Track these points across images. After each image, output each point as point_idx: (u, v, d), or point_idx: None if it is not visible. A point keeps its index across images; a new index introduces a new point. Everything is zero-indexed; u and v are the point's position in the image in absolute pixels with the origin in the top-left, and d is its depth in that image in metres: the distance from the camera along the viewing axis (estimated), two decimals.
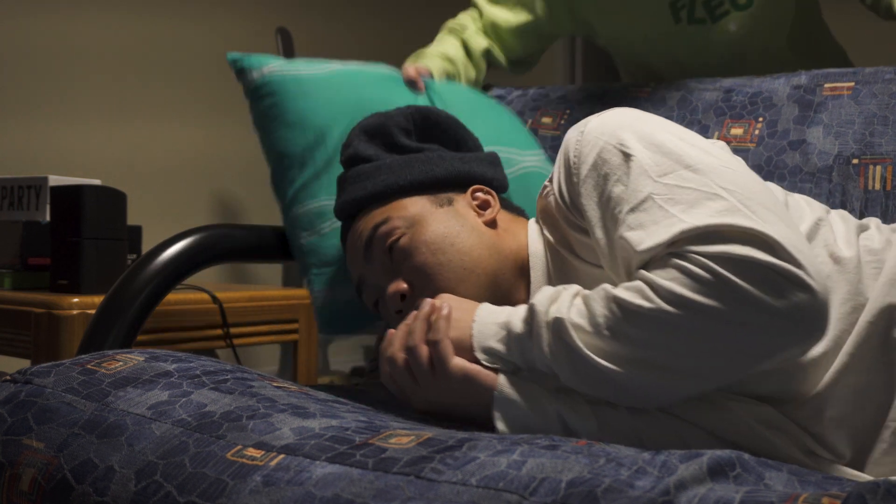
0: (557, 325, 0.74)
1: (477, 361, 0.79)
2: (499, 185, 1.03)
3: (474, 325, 0.80)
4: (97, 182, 1.38)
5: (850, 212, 1.12)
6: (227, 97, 3.22)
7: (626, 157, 0.79)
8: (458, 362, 0.78)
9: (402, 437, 0.65)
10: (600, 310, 0.72)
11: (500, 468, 0.57)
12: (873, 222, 0.89)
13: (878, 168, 1.12)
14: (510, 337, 0.78)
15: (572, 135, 0.85)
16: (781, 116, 1.22)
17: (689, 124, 1.28)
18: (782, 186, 1.17)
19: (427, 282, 0.90)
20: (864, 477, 0.77)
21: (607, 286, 0.74)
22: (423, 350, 0.80)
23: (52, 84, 2.77)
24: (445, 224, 0.93)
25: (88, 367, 0.81)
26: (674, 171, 0.76)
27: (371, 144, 1.02)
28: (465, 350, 0.79)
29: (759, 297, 0.67)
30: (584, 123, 0.85)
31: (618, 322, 0.71)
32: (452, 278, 0.90)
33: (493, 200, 0.99)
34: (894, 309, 0.77)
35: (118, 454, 0.69)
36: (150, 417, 0.72)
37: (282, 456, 0.64)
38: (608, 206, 0.79)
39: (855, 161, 1.14)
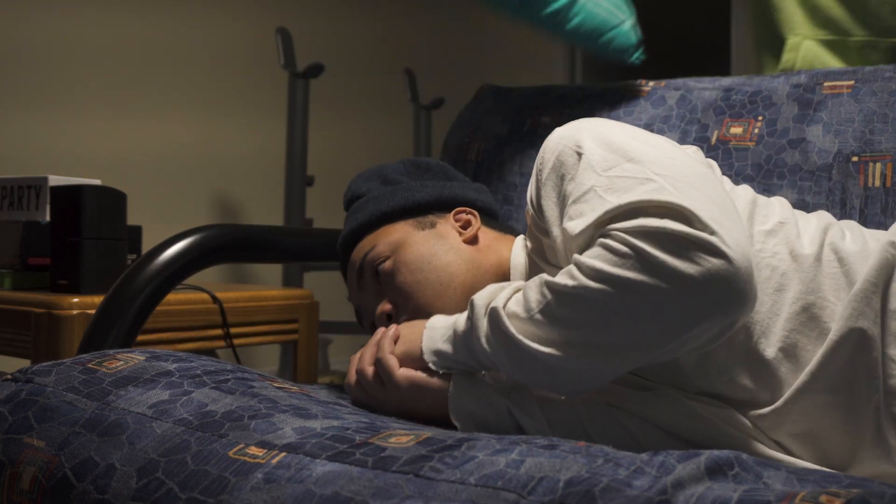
0: (493, 315, 0.76)
1: (428, 368, 0.82)
2: (482, 206, 1.07)
3: (425, 332, 0.83)
4: (97, 182, 1.38)
5: (850, 209, 1.12)
6: (227, 97, 3.22)
7: (580, 156, 0.81)
8: (404, 372, 0.83)
9: (402, 437, 0.65)
10: (534, 296, 0.74)
11: (498, 467, 0.57)
12: (846, 224, 0.89)
13: (878, 165, 1.12)
14: (456, 336, 0.80)
15: (543, 144, 0.88)
16: (781, 115, 1.22)
17: (688, 123, 1.28)
18: (782, 185, 1.17)
19: (407, 299, 0.94)
20: None
21: (543, 275, 0.75)
22: (370, 370, 0.85)
23: (52, 83, 2.77)
24: (425, 245, 0.97)
25: (89, 366, 0.82)
26: (617, 165, 0.77)
27: (367, 183, 1.08)
28: (416, 360, 0.83)
29: (673, 266, 0.68)
30: (552, 132, 0.88)
31: (548, 305, 0.72)
32: (430, 293, 0.93)
33: (475, 220, 1.03)
34: (863, 333, 0.77)
35: (119, 452, 0.69)
36: (151, 416, 0.72)
37: (283, 454, 0.64)
38: (563, 204, 0.82)
39: (855, 159, 1.14)
